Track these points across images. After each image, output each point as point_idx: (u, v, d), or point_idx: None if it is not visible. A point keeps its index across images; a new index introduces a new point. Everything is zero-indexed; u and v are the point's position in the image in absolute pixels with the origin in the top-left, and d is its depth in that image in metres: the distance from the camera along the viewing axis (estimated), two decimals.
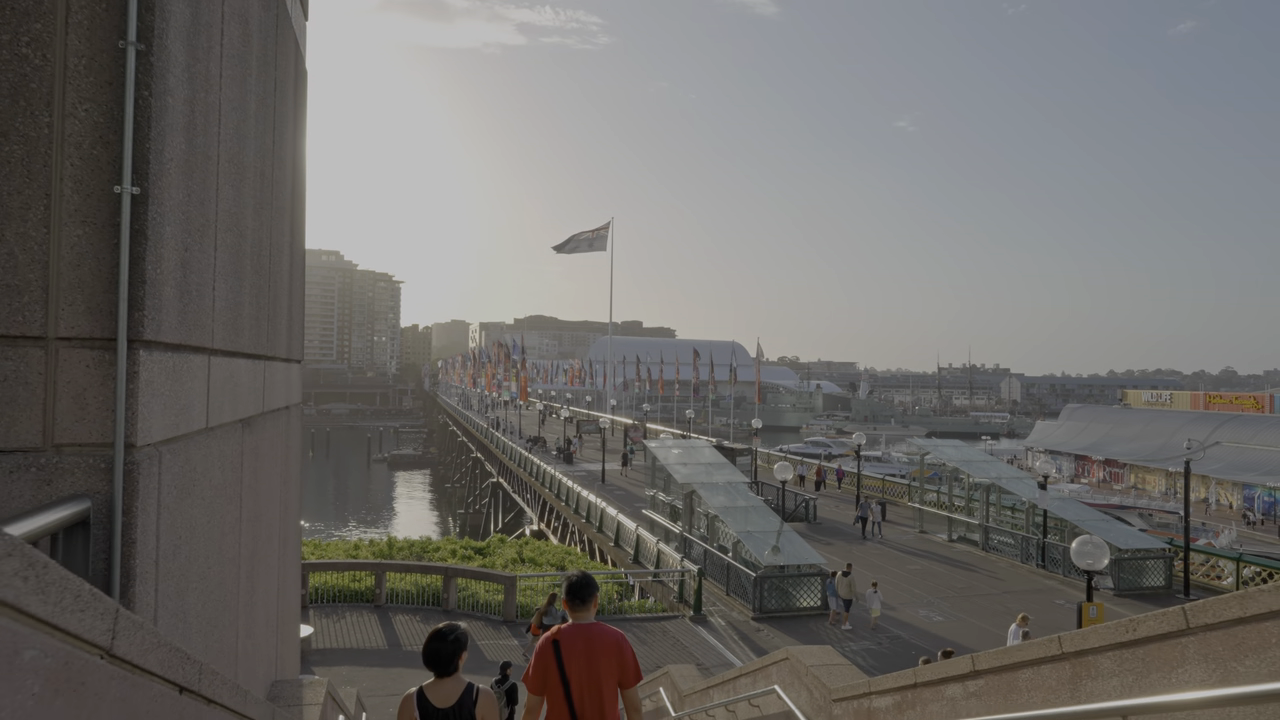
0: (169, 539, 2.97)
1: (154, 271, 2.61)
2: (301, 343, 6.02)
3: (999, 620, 22.42)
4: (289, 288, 5.48)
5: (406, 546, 29.59)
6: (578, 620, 5.20)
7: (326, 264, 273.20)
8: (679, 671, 10.00)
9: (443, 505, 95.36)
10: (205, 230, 3.42)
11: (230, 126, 3.58)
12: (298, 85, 5.07)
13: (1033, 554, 28.83)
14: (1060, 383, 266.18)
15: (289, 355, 5.54)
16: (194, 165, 3.16)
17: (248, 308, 4.20)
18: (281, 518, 5.50)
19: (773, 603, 22.95)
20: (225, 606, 3.83)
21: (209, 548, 3.63)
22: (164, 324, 2.84)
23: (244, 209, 4.09)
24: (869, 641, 20.60)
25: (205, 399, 3.48)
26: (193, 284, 3.23)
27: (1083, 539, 14.38)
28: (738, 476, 30.30)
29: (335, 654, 18.94)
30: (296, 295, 5.89)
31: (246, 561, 4.38)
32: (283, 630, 5.63)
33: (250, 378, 4.36)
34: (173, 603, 3.01)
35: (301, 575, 22.50)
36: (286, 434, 5.54)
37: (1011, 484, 31.38)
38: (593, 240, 57.08)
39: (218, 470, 3.73)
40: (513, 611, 21.91)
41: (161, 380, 2.88)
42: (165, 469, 2.89)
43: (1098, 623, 14.14)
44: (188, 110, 2.93)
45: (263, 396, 4.70)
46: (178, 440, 3.12)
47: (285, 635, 5.72)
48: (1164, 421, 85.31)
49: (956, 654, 19.01)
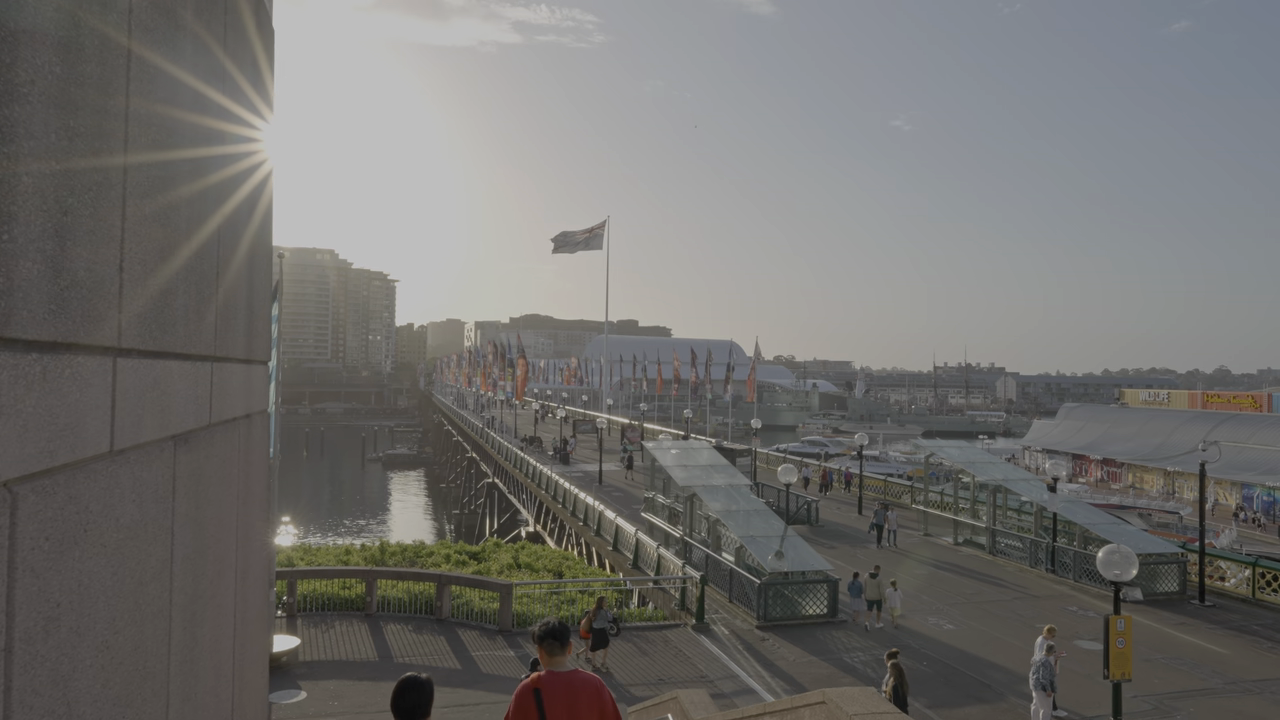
0: (36, 613, 2.16)
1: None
2: (268, 341, 5.14)
3: (1012, 629, 21.72)
4: (248, 276, 4.65)
5: (399, 551, 28.79)
6: (554, 667, 5.24)
7: (321, 262, 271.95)
8: (690, 699, 9.21)
9: (438, 506, 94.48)
10: (104, 191, 2.61)
11: (149, 64, 2.76)
12: (261, 31, 4.27)
13: (1042, 558, 28.13)
14: (1055, 381, 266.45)
15: (249, 355, 4.69)
16: (77, 97, 2.33)
17: (182, 297, 3.35)
18: (240, 546, 4.63)
19: (777, 611, 22.20)
20: (146, 675, 2.99)
21: (116, 606, 2.80)
22: (19, 314, 2.00)
23: (177, 173, 3.25)
24: (879, 651, 19.82)
25: (108, 414, 2.66)
26: (78, 261, 2.42)
27: (1110, 549, 13.67)
28: (739, 479, 29.55)
29: (323, 667, 18.15)
30: (260, 286, 5.05)
31: (183, 610, 3.52)
32: (244, 679, 4.78)
33: (188, 384, 3.53)
34: (47, 698, 2.17)
35: (290, 584, 21.72)
36: (246, 447, 4.68)
37: (1019, 485, 30.70)
38: (588, 239, 56.53)
39: (131, 505, 2.89)
40: (508, 621, 21.12)
41: (17, 393, 2.05)
42: (27, 516, 2.09)
43: (1126, 637, 13.42)
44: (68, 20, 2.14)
45: (209, 406, 3.86)
46: (55, 473, 2.30)
47: (248, 683, 4.88)
48: (1162, 421, 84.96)
49: (979, 666, 18.35)
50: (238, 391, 4.52)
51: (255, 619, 5.38)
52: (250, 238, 4.69)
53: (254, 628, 5.39)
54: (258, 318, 5.03)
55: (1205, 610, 23.59)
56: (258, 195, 5.00)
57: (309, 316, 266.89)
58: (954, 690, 17.41)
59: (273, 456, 18.17)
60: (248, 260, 4.67)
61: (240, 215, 4.49)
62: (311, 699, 16.35)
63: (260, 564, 5.49)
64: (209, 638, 4.03)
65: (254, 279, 4.86)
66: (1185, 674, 18.43)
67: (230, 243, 4.28)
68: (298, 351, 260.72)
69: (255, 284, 4.90)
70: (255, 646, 5.51)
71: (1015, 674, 18.31)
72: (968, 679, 18.06)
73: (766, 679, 18.00)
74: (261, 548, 5.41)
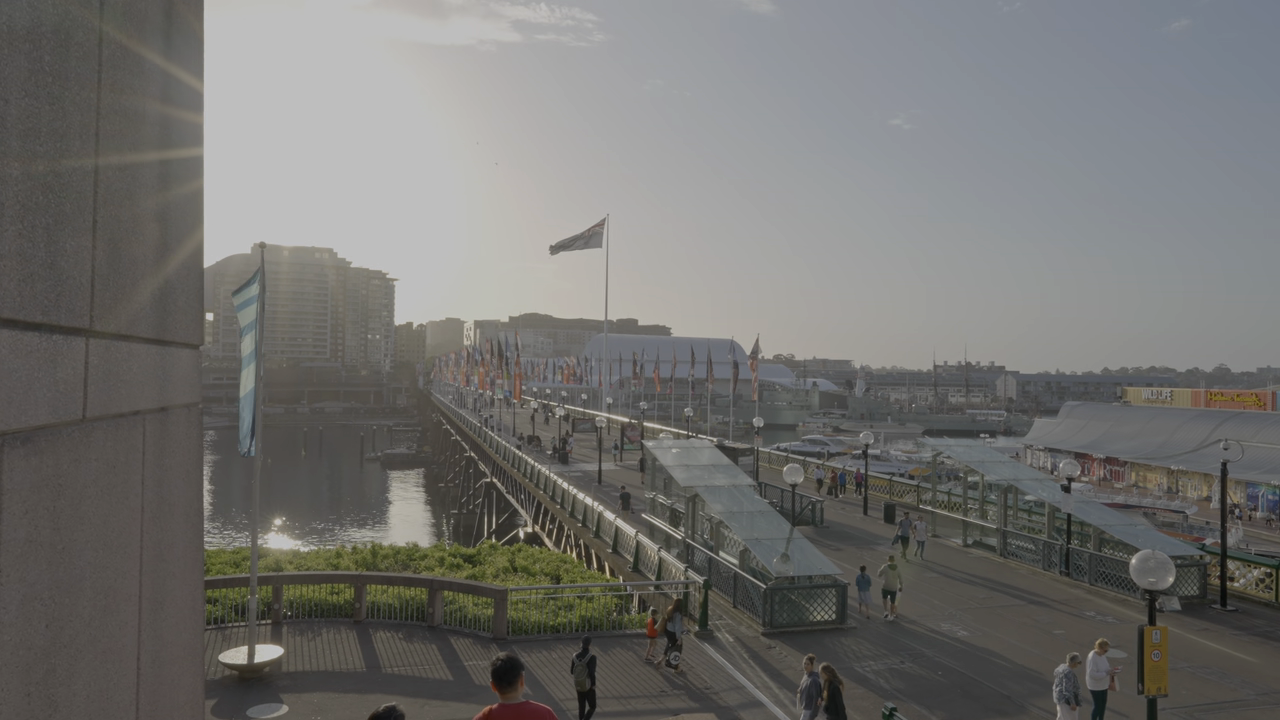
0: None
1: None
2: (197, 323, 4.15)
3: (1030, 636, 20.83)
4: (160, 238, 3.69)
5: (391, 554, 27.86)
6: (507, 701, 5.66)
7: (320, 261, 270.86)
8: None
9: (436, 506, 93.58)
10: None
11: None
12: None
13: (1055, 561, 27.23)
14: (1055, 380, 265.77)
15: (163, 335, 3.69)
16: None
17: (14, 242, 2.43)
18: (149, 572, 3.65)
19: (784, 616, 21.30)
20: None
21: None
22: None
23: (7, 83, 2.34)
24: (892, 660, 18.97)
25: None
26: None
27: (1144, 554, 12.78)
28: (742, 479, 28.64)
29: (308, 678, 17.24)
30: (185, 254, 4.11)
31: (35, 667, 2.56)
32: None
33: (33, 365, 2.57)
34: None
35: (275, 589, 20.80)
36: (159, 448, 3.70)
37: (1030, 485, 29.78)
38: (588, 238, 55.87)
39: None
40: (503, 628, 20.20)
41: None
42: None
43: (1162, 649, 12.52)
44: None
45: (81, 395, 2.92)
46: None
47: None
48: (1164, 419, 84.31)
49: (997, 676, 17.47)
50: (141, 379, 3.61)
51: (178, 658, 4.43)
52: (161, 196, 3.79)
53: (174, 669, 4.44)
54: (179, 292, 4.13)
55: (1228, 615, 22.70)
56: (180, 128, 4.10)
57: (308, 315, 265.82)
58: (973, 703, 16.51)
59: (250, 454, 17.26)
60: (157, 219, 3.76)
61: (143, 148, 3.60)
62: (293, 713, 15.45)
63: (185, 590, 4.54)
64: (85, 694, 3.14)
65: (171, 241, 3.96)
66: (1214, 684, 17.55)
67: (122, 188, 3.39)
68: (296, 350, 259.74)
69: (174, 249, 3.99)
70: (178, 692, 4.55)
71: (1036, 685, 17.42)
72: (987, 690, 17.17)
73: (774, 690, 17.10)
74: (187, 570, 4.48)
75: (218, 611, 20.54)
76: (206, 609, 20.49)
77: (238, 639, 19.06)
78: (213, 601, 20.78)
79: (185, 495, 4.36)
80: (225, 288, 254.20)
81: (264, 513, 79.14)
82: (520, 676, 5.71)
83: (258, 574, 20.72)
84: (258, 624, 20.00)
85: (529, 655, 18.92)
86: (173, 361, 4.09)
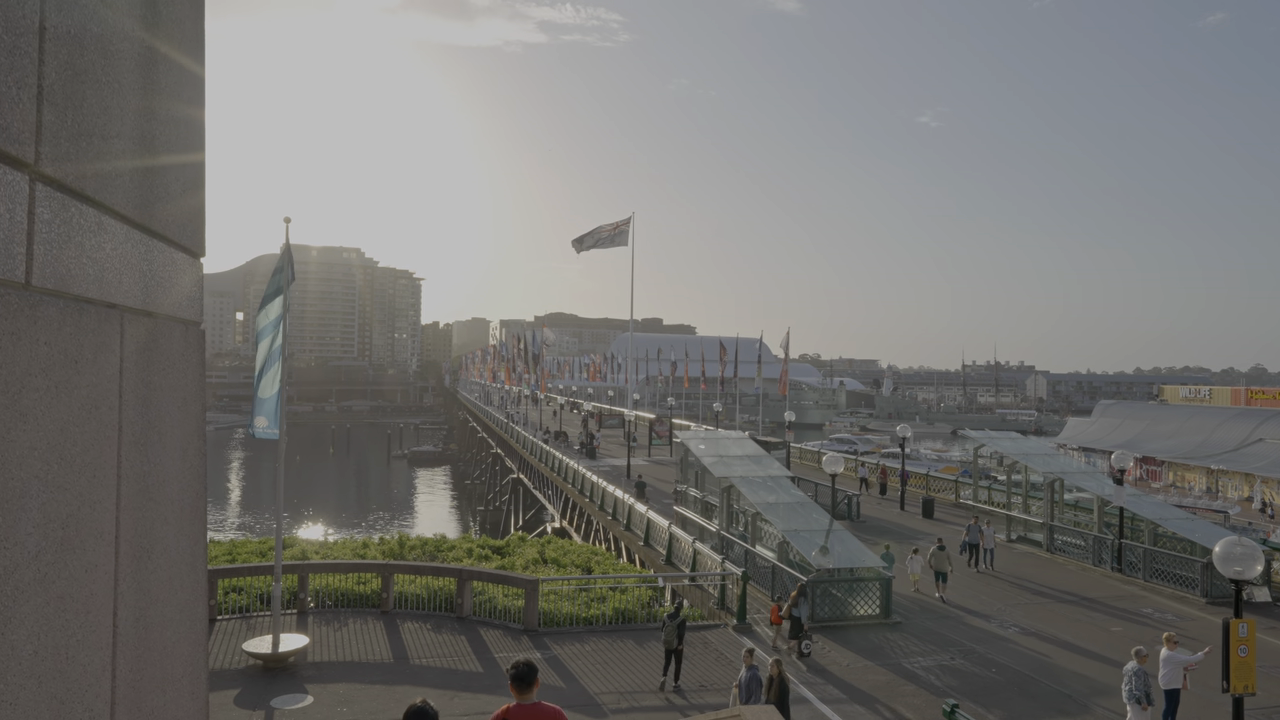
0: None
1: None
2: (198, 224, 3.51)
3: (1084, 632, 19.81)
4: (144, 97, 2.90)
5: (419, 545, 27.30)
6: (522, 701, 6.31)
7: (348, 261, 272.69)
8: (758, 717, 7.48)
9: (462, 502, 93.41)
10: None
11: None
12: None
13: (1106, 557, 26.11)
14: (1086, 380, 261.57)
15: (147, 221, 3.07)
16: None
17: None
18: (135, 507, 3.16)
19: (825, 611, 20.43)
20: None
21: None
22: None
23: None
24: (941, 656, 18.05)
25: None
26: None
27: (1230, 541, 11.79)
28: (778, 469, 27.78)
29: (333, 669, 16.66)
30: (184, 131, 3.32)
31: None
32: (144, 708, 2.96)
33: None
34: None
35: (301, 578, 20.29)
36: (145, 361, 2.97)
37: (1079, 479, 28.66)
38: (614, 235, 55.45)
39: None
40: (534, 619, 19.52)
41: None
42: None
43: (1250, 644, 11.56)
44: None
45: (24, 252, 2.36)
46: None
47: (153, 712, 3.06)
48: (1203, 418, 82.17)
49: (1055, 674, 16.57)
50: (116, 266, 2.91)
51: (171, 621, 3.68)
52: (145, 38, 3.09)
53: (165, 633, 3.70)
54: (173, 178, 3.42)
55: None
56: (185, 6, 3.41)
57: (336, 315, 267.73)
58: (1032, 702, 15.57)
59: (277, 437, 16.73)
60: (139, 67, 3.07)
61: None
62: (318, 704, 14.86)
63: (181, 540, 3.79)
64: (31, 648, 2.42)
65: (160, 110, 3.26)
66: None
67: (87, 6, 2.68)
68: (325, 350, 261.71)
69: (162, 119, 3.29)
70: (172, 662, 3.81)
71: (1098, 683, 16.44)
72: (1046, 689, 16.21)
73: (820, 686, 16.26)
74: (184, 517, 3.74)
75: (242, 600, 20.06)
76: (231, 598, 20.00)
77: (262, 628, 18.54)
78: (237, 590, 20.30)
79: (181, 427, 3.62)
80: (255, 287, 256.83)
81: (293, 508, 79.25)
82: (536, 680, 6.42)
83: (283, 562, 20.24)
84: (283, 613, 19.50)
85: (561, 648, 18.22)
86: (164, 261, 3.37)
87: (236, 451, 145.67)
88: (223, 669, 16.41)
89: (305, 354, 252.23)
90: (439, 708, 14.66)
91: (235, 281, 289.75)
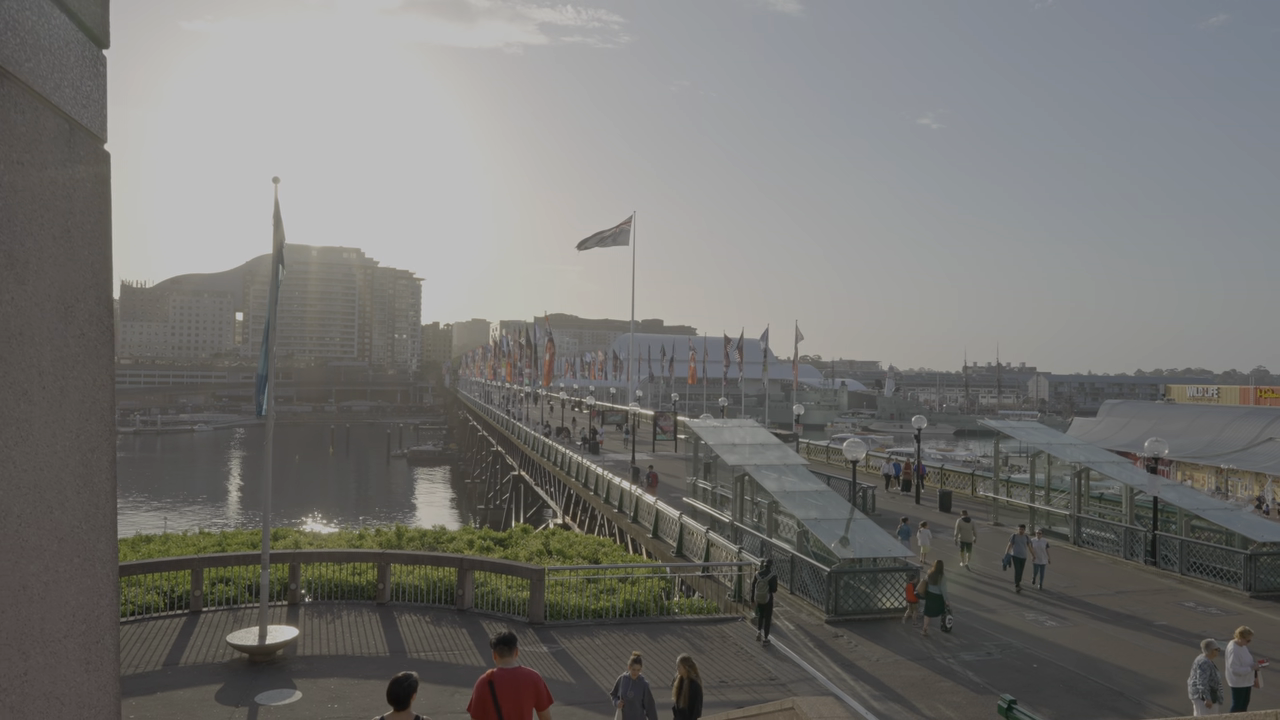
0: None
1: None
2: (96, 97, 1.84)
3: (1125, 627, 18.60)
4: None
5: (418, 536, 26.10)
6: (504, 665, 7.22)
7: (347, 261, 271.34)
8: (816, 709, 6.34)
9: (462, 500, 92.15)
10: None
11: None
12: None
13: (1138, 550, 24.88)
14: (1089, 381, 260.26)
15: None
16: None
17: None
18: None
19: (850, 603, 19.21)
20: None
21: None
22: None
23: None
24: (977, 651, 16.83)
25: None
26: None
27: None
28: (794, 458, 26.59)
29: (324, 662, 15.44)
30: None
31: None
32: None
33: None
34: None
35: (293, 568, 19.08)
36: None
37: (1107, 468, 27.44)
38: (616, 235, 54.52)
39: None
40: (540, 611, 18.30)
41: None
42: None
43: None
44: None
45: None
46: None
47: None
48: (1211, 417, 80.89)
49: (1101, 670, 15.38)
50: None
51: (39, 549, 2.42)
52: None
53: (33, 568, 2.46)
54: None
55: None
56: None
57: (336, 315, 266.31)
58: (1081, 699, 14.36)
59: (261, 413, 15.53)
60: None
61: None
62: (307, 700, 13.65)
63: (57, 421, 2.53)
64: None
65: None
66: None
67: None
68: (324, 350, 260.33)
69: None
70: (47, 618, 2.57)
71: (1150, 680, 15.24)
72: (1094, 685, 14.99)
73: (849, 682, 15.05)
74: (63, 386, 2.47)
75: (230, 591, 18.85)
76: (219, 589, 18.80)
77: (249, 620, 17.34)
78: (225, 581, 19.10)
79: (57, 257, 2.41)
80: (255, 288, 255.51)
81: (292, 507, 78.00)
82: (516, 647, 7.27)
83: (273, 551, 19.03)
84: (273, 605, 18.29)
85: (569, 641, 17.01)
86: (32, 8, 2.22)
87: (237, 451, 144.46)
88: (205, 662, 15.20)
89: (305, 354, 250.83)
90: (439, 706, 13.50)
91: (235, 281, 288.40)
